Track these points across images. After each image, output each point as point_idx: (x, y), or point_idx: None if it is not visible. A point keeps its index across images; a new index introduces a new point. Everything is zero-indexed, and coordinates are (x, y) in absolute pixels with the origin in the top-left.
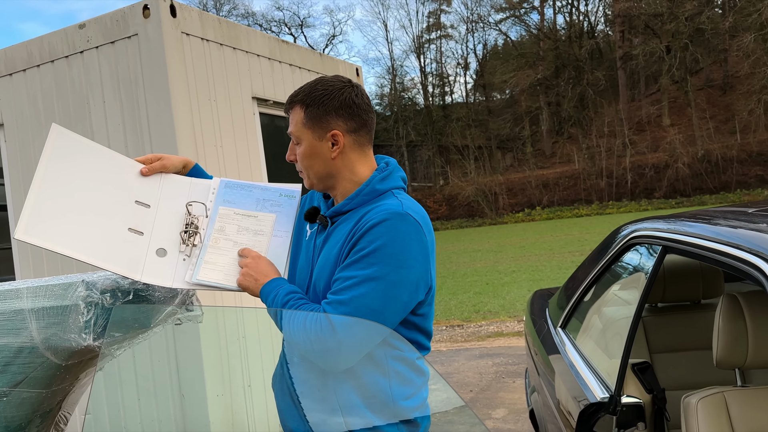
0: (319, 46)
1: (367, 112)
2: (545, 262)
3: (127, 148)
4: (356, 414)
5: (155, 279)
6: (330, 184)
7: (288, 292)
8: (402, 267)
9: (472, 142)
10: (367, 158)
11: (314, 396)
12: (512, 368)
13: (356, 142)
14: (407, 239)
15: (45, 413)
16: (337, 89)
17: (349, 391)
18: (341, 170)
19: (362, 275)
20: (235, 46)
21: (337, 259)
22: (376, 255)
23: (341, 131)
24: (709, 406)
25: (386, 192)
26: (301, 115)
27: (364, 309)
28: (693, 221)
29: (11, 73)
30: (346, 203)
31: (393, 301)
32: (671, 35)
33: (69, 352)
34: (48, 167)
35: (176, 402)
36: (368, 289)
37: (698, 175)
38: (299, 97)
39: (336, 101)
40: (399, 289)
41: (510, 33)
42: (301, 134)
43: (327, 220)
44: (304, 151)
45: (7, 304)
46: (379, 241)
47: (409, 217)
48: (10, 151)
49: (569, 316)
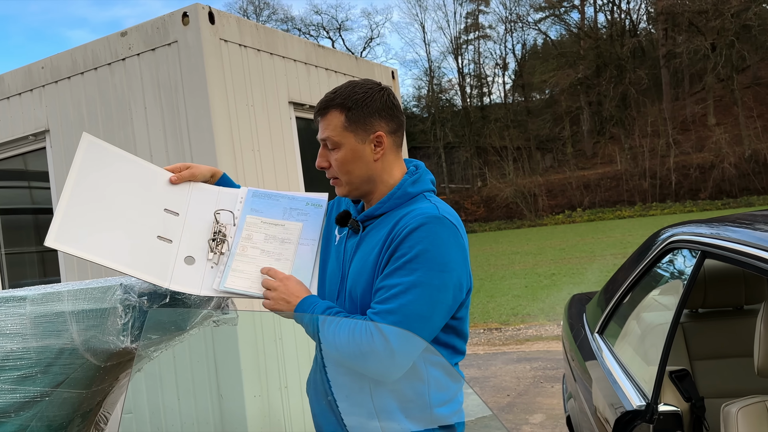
0: (357, 49)
1: (401, 113)
2: (586, 264)
3: (168, 152)
4: (393, 419)
5: (183, 286)
6: (367, 189)
7: (325, 308)
8: (444, 271)
9: (511, 143)
10: (400, 161)
11: (351, 400)
12: (551, 373)
13: (395, 143)
14: (447, 243)
15: (85, 413)
16: (376, 91)
17: (386, 396)
18: (381, 173)
19: (407, 282)
20: (272, 52)
21: (375, 265)
22: (418, 261)
23: (384, 132)
24: (750, 415)
25: (418, 195)
26: (341, 119)
27: (414, 316)
28: (734, 226)
29: (57, 80)
30: (378, 207)
31: (439, 305)
32: (716, 32)
33: (108, 353)
34: (78, 176)
35: (214, 402)
36: (415, 296)
37: (745, 175)
38: (337, 101)
39: (378, 103)
40: (444, 293)
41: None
42: (342, 138)
43: (359, 224)
44: (345, 155)
45: (49, 307)
46: (419, 246)
47: (446, 220)
48: (56, 157)
49: (607, 321)
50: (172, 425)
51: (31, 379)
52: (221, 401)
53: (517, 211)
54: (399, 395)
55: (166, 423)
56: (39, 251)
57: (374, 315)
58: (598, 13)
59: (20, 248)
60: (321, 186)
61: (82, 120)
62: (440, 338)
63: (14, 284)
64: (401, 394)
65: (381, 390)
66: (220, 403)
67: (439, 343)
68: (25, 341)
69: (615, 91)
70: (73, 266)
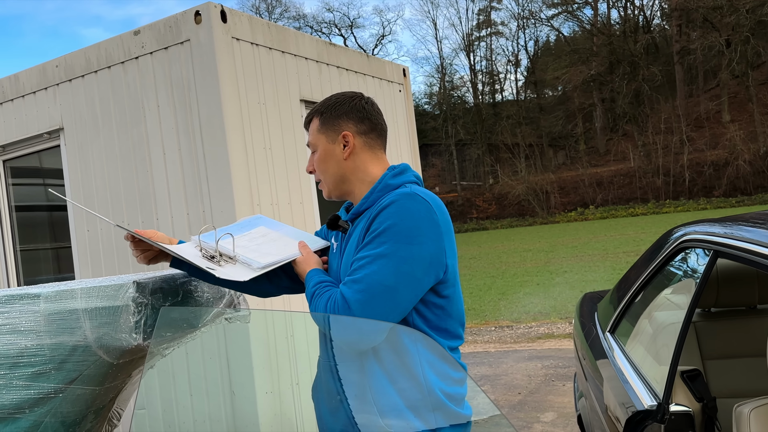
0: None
1: (377, 117)
2: (599, 262)
3: (181, 150)
4: (398, 415)
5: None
6: (346, 189)
7: (317, 282)
8: (412, 243)
9: (523, 140)
10: (379, 160)
11: (358, 398)
12: (562, 371)
13: (367, 144)
14: (416, 216)
15: (98, 409)
16: (348, 97)
17: (388, 390)
18: (354, 171)
19: (374, 254)
20: (283, 50)
21: (356, 249)
22: (386, 234)
23: (351, 132)
24: (763, 415)
25: (399, 186)
26: (317, 123)
27: (377, 285)
28: (747, 225)
29: (71, 78)
30: (363, 202)
31: (405, 276)
32: (731, 28)
33: (120, 351)
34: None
35: (227, 399)
36: (379, 266)
37: (760, 172)
38: (315, 108)
39: (347, 106)
40: (410, 264)
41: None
42: (317, 140)
43: (348, 224)
44: (319, 155)
45: (62, 304)
46: (389, 220)
47: (418, 197)
48: (70, 154)
49: (618, 320)
50: (185, 422)
51: (45, 376)
52: (233, 398)
53: (529, 208)
54: (400, 387)
55: (179, 419)
56: (54, 248)
57: (343, 286)
58: (611, 9)
59: (35, 245)
60: None
61: (95, 118)
62: (432, 321)
63: (29, 281)
64: (403, 387)
65: (381, 382)
66: (232, 400)
67: (431, 327)
68: (39, 338)
69: (628, 88)
70: (87, 263)
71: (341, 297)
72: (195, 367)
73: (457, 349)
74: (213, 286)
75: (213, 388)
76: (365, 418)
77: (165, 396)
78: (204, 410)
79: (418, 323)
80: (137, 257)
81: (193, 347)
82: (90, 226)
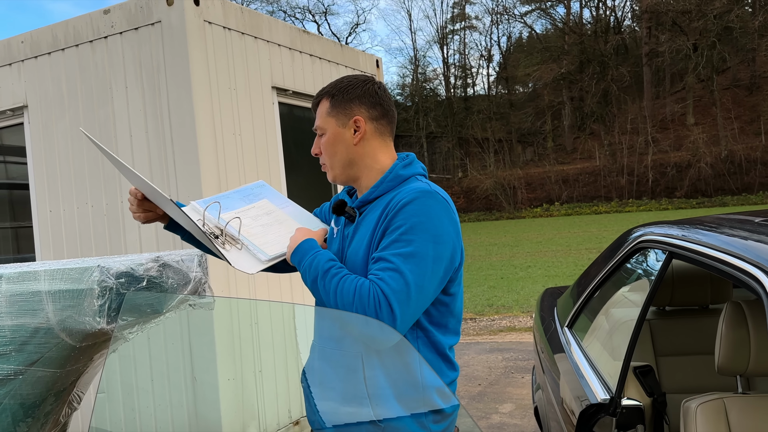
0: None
1: (389, 104)
2: (561, 258)
3: (148, 134)
4: (386, 404)
5: (237, 264)
6: (353, 174)
7: (330, 258)
8: (438, 243)
9: (493, 135)
10: (388, 148)
11: (349, 385)
12: (522, 364)
13: (377, 130)
14: (439, 215)
15: (59, 392)
16: (361, 81)
17: (380, 380)
18: (363, 157)
19: (405, 252)
20: (256, 35)
21: (370, 243)
22: (413, 232)
23: (363, 117)
24: (709, 411)
25: (410, 177)
26: (327, 106)
27: (413, 286)
28: (702, 228)
29: (36, 55)
30: (372, 191)
31: (434, 276)
32: (699, 33)
33: (83, 334)
34: None
35: (188, 384)
36: (413, 266)
37: (721, 175)
38: (325, 90)
39: (360, 90)
40: (438, 264)
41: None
42: (326, 123)
43: (355, 211)
44: (328, 139)
45: (25, 286)
46: (414, 218)
47: (438, 195)
48: (34, 132)
49: (576, 315)
50: (146, 407)
51: (5, 357)
52: (195, 384)
53: (496, 203)
54: (392, 377)
55: (140, 404)
56: (14, 227)
57: (380, 281)
58: (583, 9)
59: None
60: (301, 172)
61: (61, 97)
62: (434, 318)
63: None
64: (395, 378)
65: (375, 371)
66: (194, 386)
67: (433, 323)
68: (0, 319)
69: (597, 88)
70: (49, 244)
71: (381, 293)
72: (157, 353)
73: (453, 348)
74: (178, 272)
75: (174, 373)
76: (355, 405)
77: (126, 381)
78: (165, 396)
79: (422, 320)
80: (136, 214)
81: (155, 333)
82: (53, 207)
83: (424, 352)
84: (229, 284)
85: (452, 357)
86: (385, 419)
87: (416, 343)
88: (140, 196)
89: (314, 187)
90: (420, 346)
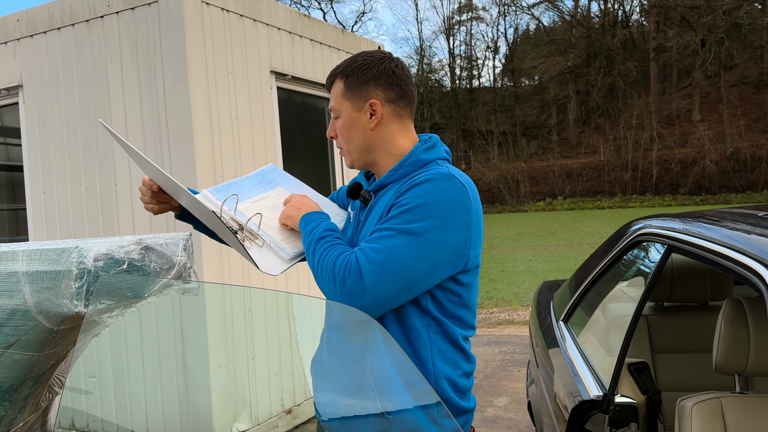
0: (348, 22)
1: (407, 83)
2: (563, 252)
3: (143, 115)
4: (395, 395)
5: (262, 263)
6: (370, 159)
7: (327, 228)
8: (441, 228)
9: (497, 127)
10: (407, 131)
11: (358, 375)
12: (519, 357)
13: (395, 113)
14: (451, 200)
15: (37, 376)
16: (377, 59)
17: (389, 371)
18: (381, 142)
19: (400, 228)
20: (255, 18)
21: (380, 220)
22: (416, 211)
23: (380, 100)
24: (705, 411)
25: (431, 162)
26: (341, 87)
27: (395, 261)
28: (703, 221)
29: (32, 34)
30: (390, 175)
31: (425, 259)
32: (707, 29)
33: (61, 317)
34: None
35: (179, 370)
36: (402, 242)
37: (725, 172)
38: (339, 69)
39: (375, 70)
40: (434, 248)
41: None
42: (340, 106)
43: (370, 194)
44: (343, 123)
45: (2, 266)
46: (421, 198)
47: (455, 179)
48: (28, 113)
49: (572, 310)
50: (137, 393)
51: None
52: (186, 370)
53: (499, 195)
54: (401, 369)
55: (130, 388)
56: (11, 209)
57: (359, 251)
58: (591, 2)
59: None
60: (298, 158)
61: (57, 77)
62: (447, 308)
63: None
64: (404, 369)
65: (383, 361)
66: (185, 372)
67: (446, 314)
68: None
69: (603, 82)
70: (42, 226)
71: (355, 261)
72: (148, 338)
73: (468, 340)
74: (162, 256)
75: (166, 359)
76: (362, 395)
77: (117, 365)
78: (156, 381)
79: (431, 309)
80: (148, 205)
81: (147, 317)
82: (46, 188)
83: (438, 342)
84: (222, 270)
85: (468, 348)
86: (392, 411)
87: (427, 332)
88: (156, 188)
89: (312, 174)
90: (432, 335)
